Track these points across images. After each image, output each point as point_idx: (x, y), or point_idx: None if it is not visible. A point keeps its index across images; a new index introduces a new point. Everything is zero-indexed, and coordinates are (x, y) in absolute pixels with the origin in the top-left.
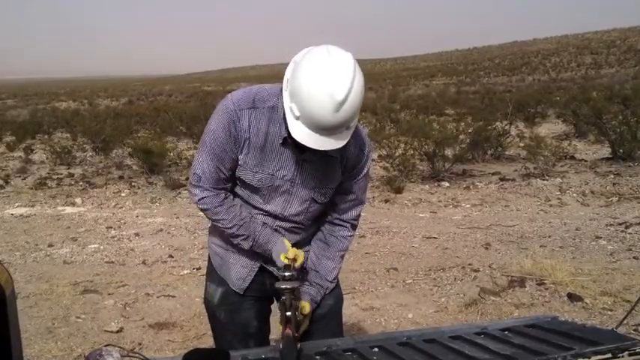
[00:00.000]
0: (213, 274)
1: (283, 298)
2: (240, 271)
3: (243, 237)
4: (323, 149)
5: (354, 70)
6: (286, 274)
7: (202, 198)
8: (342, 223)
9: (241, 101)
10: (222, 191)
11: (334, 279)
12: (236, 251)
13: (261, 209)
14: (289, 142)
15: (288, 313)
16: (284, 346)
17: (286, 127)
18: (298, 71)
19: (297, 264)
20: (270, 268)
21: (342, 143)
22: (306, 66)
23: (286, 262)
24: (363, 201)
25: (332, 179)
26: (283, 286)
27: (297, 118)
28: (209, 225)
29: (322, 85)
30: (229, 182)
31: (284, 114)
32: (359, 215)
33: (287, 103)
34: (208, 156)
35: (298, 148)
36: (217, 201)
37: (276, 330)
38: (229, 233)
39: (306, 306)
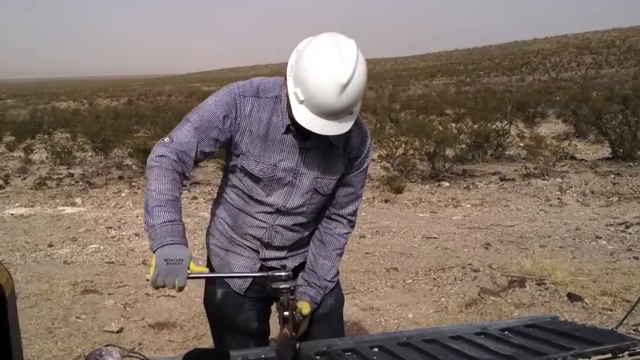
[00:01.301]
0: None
1: (281, 298)
2: (240, 272)
3: (154, 207)
4: (326, 134)
5: (357, 55)
6: (282, 273)
7: (161, 155)
8: (338, 218)
9: (246, 88)
10: (181, 165)
11: (333, 278)
12: (236, 251)
13: (263, 202)
14: (292, 130)
15: (286, 313)
16: (280, 346)
17: (289, 114)
18: (302, 56)
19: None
20: (269, 265)
21: (346, 129)
22: (311, 51)
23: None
24: (360, 196)
25: (334, 170)
26: (281, 286)
27: (302, 102)
28: (208, 226)
29: (326, 68)
30: (193, 165)
31: (287, 102)
32: (356, 210)
33: (291, 88)
34: (192, 127)
35: (301, 136)
36: (170, 166)
37: (276, 331)
38: (150, 196)
39: (305, 307)
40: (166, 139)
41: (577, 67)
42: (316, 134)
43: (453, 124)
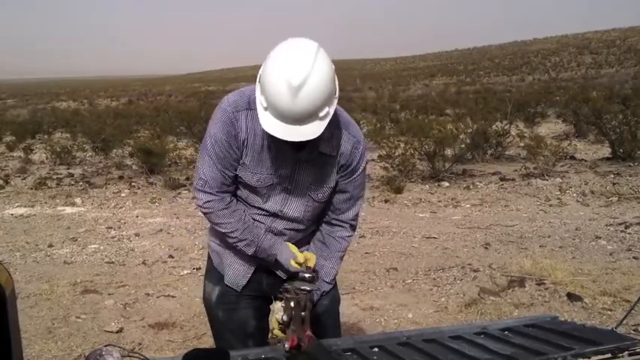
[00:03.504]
0: (211, 273)
1: (288, 295)
2: (237, 269)
3: (245, 241)
4: (292, 140)
5: (313, 57)
6: (307, 275)
7: (207, 202)
8: (340, 223)
9: (237, 103)
10: (226, 195)
11: (332, 280)
12: (234, 250)
13: (260, 208)
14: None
15: (303, 313)
16: (316, 348)
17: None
18: (265, 63)
19: (311, 264)
20: (278, 272)
21: (314, 134)
22: (271, 57)
23: (297, 267)
24: (359, 201)
25: (328, 179)
26: (303, 287)
27: (266, 109)
28: (209, 224)
29: (280, 71)
30: (233, 185)
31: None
32: (357, 215)
33: (258, 96)
34: (211, 160)
35: (294, 146)
36: (221, 205)
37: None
38: (232, 237)
39: None
40: (199, 184)
41: (577, 67)
42: (304, 142)
43: (453, 124)
